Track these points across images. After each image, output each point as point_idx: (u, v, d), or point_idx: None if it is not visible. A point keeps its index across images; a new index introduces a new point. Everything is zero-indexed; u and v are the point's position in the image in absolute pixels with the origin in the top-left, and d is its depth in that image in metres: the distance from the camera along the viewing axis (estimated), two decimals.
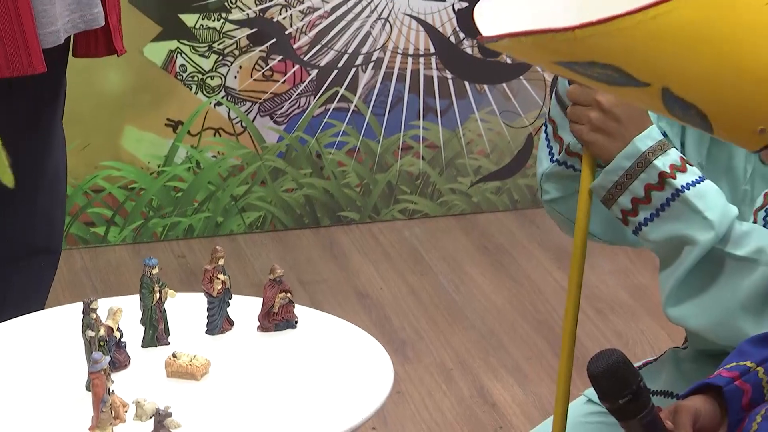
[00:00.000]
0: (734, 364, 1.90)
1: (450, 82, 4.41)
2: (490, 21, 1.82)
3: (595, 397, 2.38)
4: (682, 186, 2.06)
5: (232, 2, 4.24)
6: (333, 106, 4.37)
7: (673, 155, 2.07)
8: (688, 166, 2.07)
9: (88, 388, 2.16)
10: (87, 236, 4.28)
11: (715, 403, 1.87)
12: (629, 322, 3.89)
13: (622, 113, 2.07)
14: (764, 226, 2.11)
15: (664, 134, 2.14)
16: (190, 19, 4.23)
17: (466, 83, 4.42)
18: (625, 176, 2.07)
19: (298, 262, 4.19)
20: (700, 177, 2.07)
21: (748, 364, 1.89)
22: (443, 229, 4.42)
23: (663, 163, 2.06)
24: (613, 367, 1.80)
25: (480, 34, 1.73)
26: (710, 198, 2.05)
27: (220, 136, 4.33)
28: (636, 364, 2.39)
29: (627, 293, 4.02)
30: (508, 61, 4.42)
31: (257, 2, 4.25)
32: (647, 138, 2.07)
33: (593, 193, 2.12)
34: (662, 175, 2.06)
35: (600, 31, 1.65)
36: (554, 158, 2.19)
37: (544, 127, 2.22)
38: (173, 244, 4.34)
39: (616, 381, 1.80)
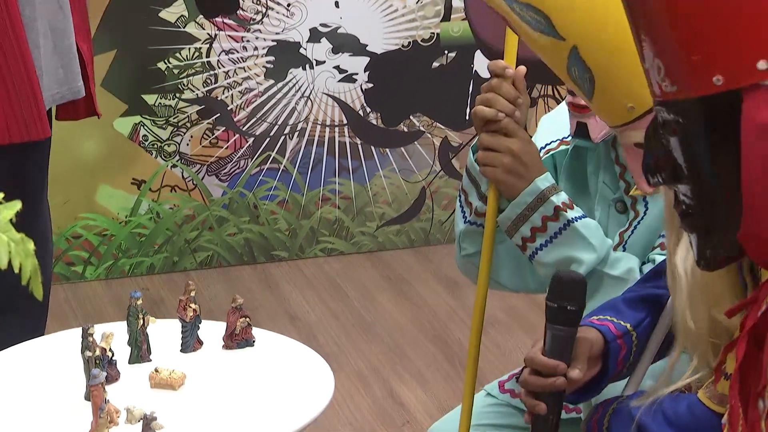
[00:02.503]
0: (617, 321, 1.87)
1: (359, 146, 4.41)
2: None
3: (493, 390, 2.36)
4: (572, 218, 2.07)
5: (184, 84, 4.21)
6: (266, 166, 4.35)
7: (563, 195, 2.09)
8: (574, 205, 2.09)
9: (86, 398, 2.14)
10: (68, 274, 4.22)
11: (601, 340, 1.85)
12: (505, 336, 3.91)
13: (527, 159, 2.08)
14: None
15: None
16: (150, 99, 4.20)
17: (372, 147, 4.42)
18: (527, 209, 2.08)
19: (240, 292, 4.09)
20: (583, 213, 2.09)
21: (629, 327, 1.87)
22: (356, 264, 4.41)
23: (557, 199, 2.08)
24: (580, 282, 1.80)
25: None
26: (592, 229, 2.07)
27: (175, 191, 4.29)
28: (521, 367, 2.38)
29: (502, 312, 4.03)
30: (405, 130, 4.43)
31: (204, 84, 4.23)
32: (545, 180, 2.08)
33: (500, 226, 2.12)
34: (557, 209, 2.07)
35: None
36: (467, 219, 2.18)
37: (458, 197, 2.21)
38: (138, 279, 4.30)
39: (574, 291, 1.79)
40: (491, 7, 1.76)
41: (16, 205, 1.68)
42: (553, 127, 2.24)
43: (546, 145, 2.22)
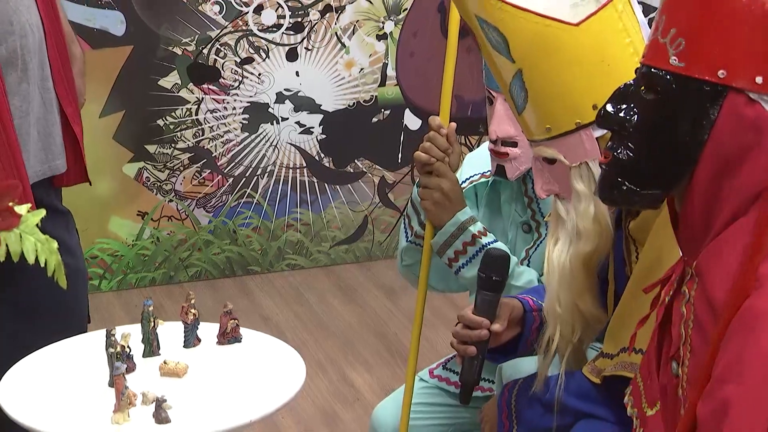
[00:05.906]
0: (536, 300, 1.89)
1: (316, 184, 4.42)
2: None
3: (425, 376, 2.37)
4: (486, 243, 2.09)
5: (178, 137, 4.20)
6: (243, 200, 4.34)
7: (479, 225, 2.10)
8: (487, 232, 2.12)
9: (110, 385, 2.12)
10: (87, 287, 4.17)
11: (521, 308, 1.87)
12: (432, 331, 3.91)
13: (453, 196, 2.09)
14: None
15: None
16: (151, 148, 4.18)
17: (326, 184, 4.43)
18: (451, 237, 2.09)
19: (222, 299, 4.09)
20: (495, 239, 2.11)
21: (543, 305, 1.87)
22: (314, 276, 4.41)
23: (474, 228, 2.09)
24: (504, 258, 1.85)
25: None
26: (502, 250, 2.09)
27: (171, 221, 4.27)
28: (446, 357, 2.39)
29: (429, 312, 4.00)
30: (351, 170, 4.46)
31: (194, 137, 4.22)
32: (465, 214, 2.10)
33: (432, 248, 2.14)
34: (474, 236, 2.09)
35: (511, 10, 1.63)
36: (408, 239, 2.20)
37: (403, 220, 2.22)
38: (143, 290, 4.26)
39: (500, 265, 1.83)
40: (464, 21, 1.73)
41: (41, 213, 1.65)
42: (476, 163, 2.25)
43: (470, 177, 2.23)
